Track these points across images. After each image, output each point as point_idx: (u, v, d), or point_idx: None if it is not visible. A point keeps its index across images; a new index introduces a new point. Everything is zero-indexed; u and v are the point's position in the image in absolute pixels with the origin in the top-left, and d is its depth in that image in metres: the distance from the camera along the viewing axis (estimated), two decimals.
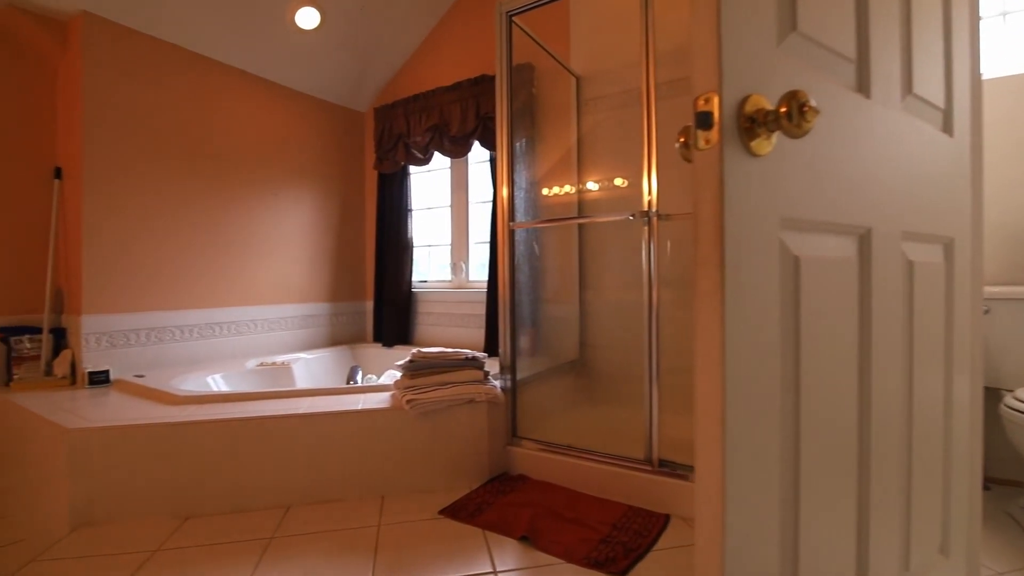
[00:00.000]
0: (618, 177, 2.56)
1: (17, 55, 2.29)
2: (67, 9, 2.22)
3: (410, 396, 1.80)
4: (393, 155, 3.21)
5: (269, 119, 2.96)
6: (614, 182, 2.57)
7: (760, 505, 0.58)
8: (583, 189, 2.66)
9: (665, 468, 1.72)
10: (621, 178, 2.55)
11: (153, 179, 2.44)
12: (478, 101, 2.85)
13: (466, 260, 3.12)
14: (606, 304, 2.58)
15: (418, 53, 3.27)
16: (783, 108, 0.55)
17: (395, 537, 1.54)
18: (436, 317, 3.15)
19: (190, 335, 2.57)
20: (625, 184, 2.55)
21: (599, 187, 2.61)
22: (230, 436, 1.70)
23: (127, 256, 2.36)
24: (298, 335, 3.08)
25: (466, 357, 1.94)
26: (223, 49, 2.67)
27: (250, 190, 2.86)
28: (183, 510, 1.67)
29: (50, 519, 1.69)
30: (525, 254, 2.24)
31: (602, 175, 2.61)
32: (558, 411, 2.43)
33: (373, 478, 1.80)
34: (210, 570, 1.38)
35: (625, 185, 2.54)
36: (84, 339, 2.22)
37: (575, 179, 2.68)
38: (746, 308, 0.56)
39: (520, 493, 1.81)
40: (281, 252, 3.02)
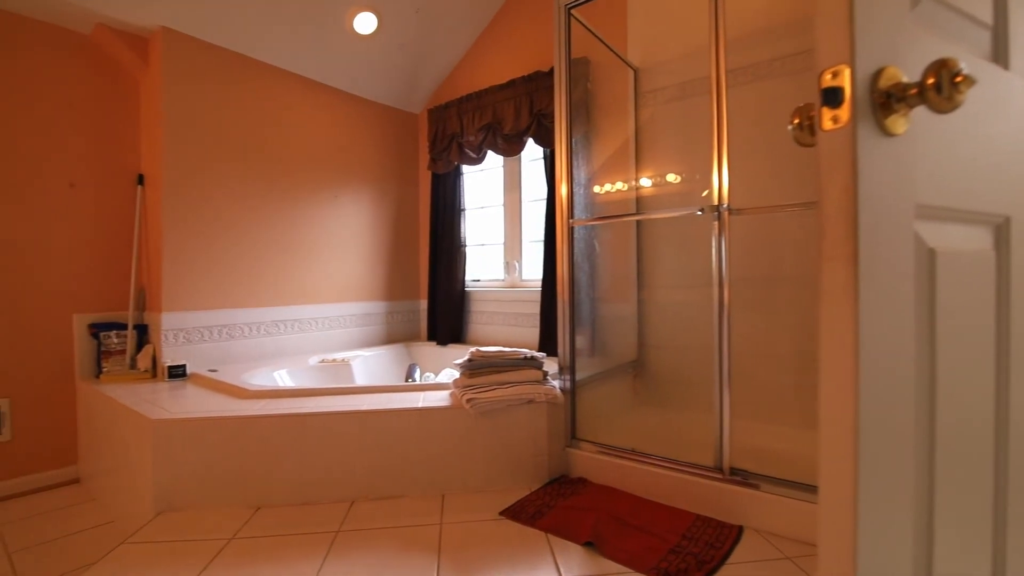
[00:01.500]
0: (679, 171, 2.46)
1: (106, 71, 2.46)
2: (148, 25, 2.36)
3: (470, 395, 1.79)
4: (446, 155, 3.23)
5: (329, 123, 3.05)
6: (674, 177, 2.47)
7: (894, 530, 0.52)
8: (641, 184, 2.58)
9: (737, 476, 1.63)
10: (681, 172, 2.45)
11: (224, 183, 2.56)
12: (532, 98, 2.82)
13: (519, 259, 3.10)
14: (666, 303, 2.49)
15: (471, 53, 3.28)
16: (930, 79, 0.48)
17: (457, 537, 1.53)
18: (489, 316, 3.15)
19: (257, 332, 2.68)
20: (678, 180, 2.45)
21: (658, 182, 2.52)
22: (297, 430, 1.75)
23: (201, 257, 2.48)
24: (356, 333, 3.16)
25: (525, 356, 1.92)
26: (287, 57, 2.77)
27: (312, 192, 2.95)
28: (255, 500, 1.74)
29: (137, 503, 1.80)
30: (584, 252, 2.18)
31: (661, 169, 2.52)
32: (617, 413, 2.36)
33: (434, 476, 1.81)
34: (282, 560, 1.42)
35: (679, 181, 2.44)
36: (164, 335, 2.35)
37: (632, 174, 2.60)
38: (880, 307, 0.50)
39: (581, 497, 1.76)
40: (340, 252, 3.11)
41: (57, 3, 2.15)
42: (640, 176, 2.58)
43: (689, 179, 2.42)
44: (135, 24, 2.34)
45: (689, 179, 2.42)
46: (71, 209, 2.36)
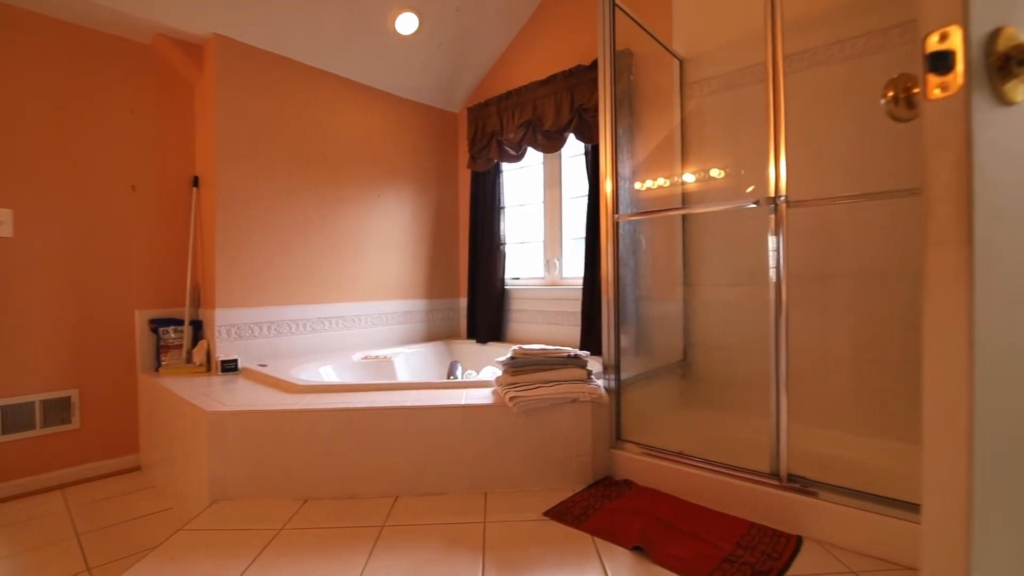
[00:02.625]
0: (726, 164, 2.37)
1: (164, 79, 2.58)
2: (202, 33, 2.46)
3: (513, 393, 1.77)
4: (486, 153, 3.22)
5: (371, 124, 3.10)
6: (721, 170, 2.38)
7: (1016, 554, 0.46)
8: (687, 178, 2.49)
9: (795, 484, 1.54)
10: (729, 166, 2.36)
11: (273, 184, 2.64)
12: (573, 93, 2.78)
13: (559, 257, 3.06)
14: (713, 302, 2.40)
15: (510, 49, 3.26)
16: None
17: (501, 536, 1.51)
18: (529, 314, 3.12)
19: (303, 328, 2.75)
20: (725, 174, 2.35)
21: (704, 176, 2.43)
22: (343, 425, 1.78)
23: (251, 255, 2.57)
24: (397, 330, 3.20)
25: (568, 355, 1.88)
26: (331, 60, 2.83)
27: (355, 192, 3.01)
28: (302, 492, 1.77)
29: (193, 492, 1.87)
30: (630, 248, 2.13)
31: (708, 163, 2.43)
32: (663, 415, 2.29)
33: (476, 474, 1.80)
34: (329, 553, 1.44)
35: (727, 174, 2.34)
36: (217, 331, 2.45)
37: (677, 168, 2.52)
38: (998, 296, 0.44)
39: (627, 500, 1.71)
40: (382, 251, 3.16)
41: (121, 15, 2.26)
42: (686, 170, 2.50)
43: (736, 172, 2.33)
44: (191, 32, 2.44)
45: (736, 172, 2.33)
46: (133, 211, 2.48)
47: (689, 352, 2.43)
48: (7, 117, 2.16)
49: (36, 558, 1.69)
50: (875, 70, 1.97)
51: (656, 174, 2.57)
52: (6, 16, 2.16)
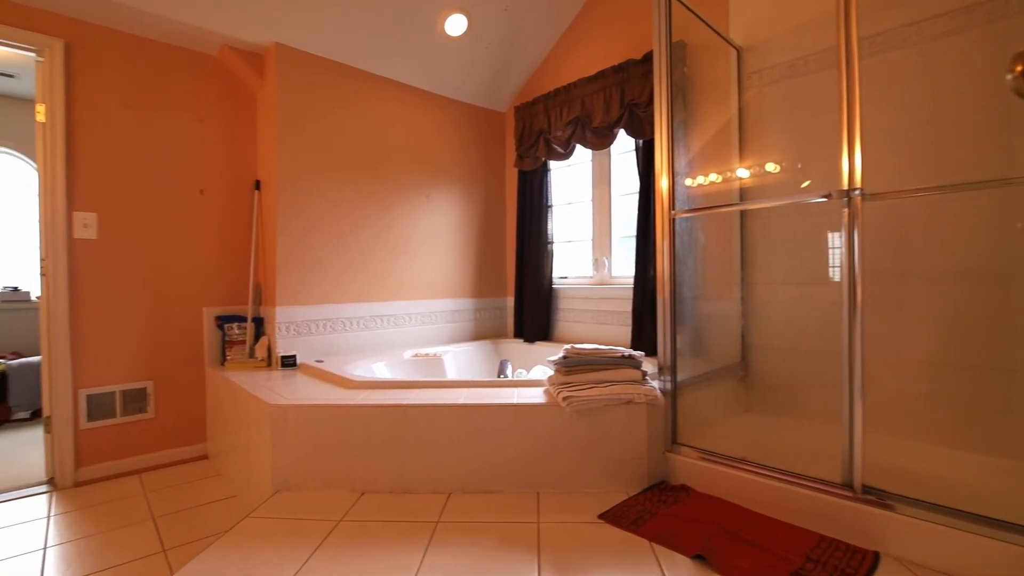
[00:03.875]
0: (789, 157, 2.25)
1: (229, 87, 2.71)
2: (264, 42, 2.57)
3: (566, 393, 1.75)
4: (534, 152, 3.21)
5: (420, 125, 3.15)
6: (780, 164, 2.27)
7: None
8: (745, 173, 2.39)
9: (871, 496, 1.44)
10: (791, 158, 2.24)
11: (328, 186, 2.73)
12: (623, 88, 2.72)
13: (608, 255, 3.00)
14: (774, 302, 2.29)
15: (557, 47, 3.24)
16: None
17: (556, 537, 1.49)
18: (577, 314, 3.09)
19: (357, 326, 2.83)
20: (789, 167, 2.24)
21: (764, 169, 2.33)
22: (399, 421, 1.81)
23: (309, 255, 2.66)
24: (446, 329, 3.24)
25: (622, 355, 1.84)
26: (383, 64, 2.89)
27: (405, 192, 3.07)
28: (359, 485, 1.82)
29: (256, 481, 1.96)
30: (687, 246, 2.06)
31: (768, 156, 2.32)
32: (721, 418, 2.20)
33: (529, 473, 1.79)
34: (387, 546, 1.46)
35: (789, 167, 2.23)
36: (277, 327, 2.55)
37: (734, 161, 2.42)
38: None
39: (685, 505, 1.66)
40: (431, 250, 3.20)
41: (193, 29, 2.40)
42: (743, 164, 2.40)
43: (802, 165, 2.21)
44: (253, 42, 2.55)
45: (802, 165, 2.21)
46: (201, 213, 2.63)
47: (747, 354, 2.33)
48: (94, 128, 2.33)
49: (119, 537, 1.81)
50: (955, 52, 1.82)
51: (711, 169, 2.48)
52: (92, 34, 2.32)
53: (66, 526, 1.90)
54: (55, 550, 1.73)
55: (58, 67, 2.24)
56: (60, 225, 2.24)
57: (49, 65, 2.23)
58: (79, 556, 1.68)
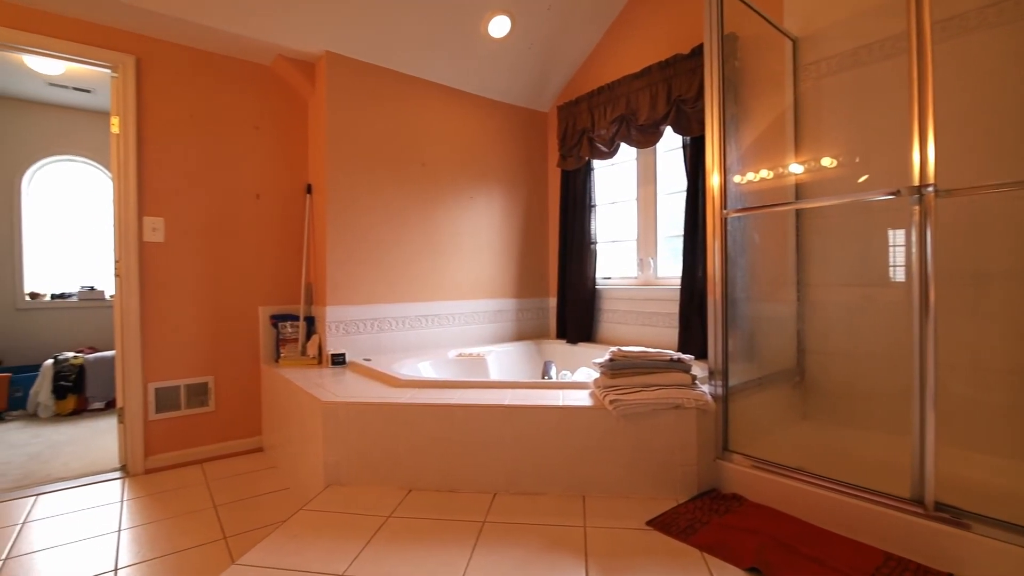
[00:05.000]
0: (850, 151, 2.14)
1: (283, 95, 2.83)
2: (315, 51, 2.66)
3: (613, 396, 1.72)
4: (577, 151, 3.18)
5: (464, 127, 3.18)
6: (843, 158, 2.15)
7: None
8: (800, 169, 2.28)
9: (944, 513, 1.35)
10: (854, 153, 2.12)
11: (375, 189, 2.80)
12: (670, 84, 2.65)
13: (654, 255, 2.94)
14: (832, 304, 2.17)
15: (601, 44, 3.19)
16: None
17: (603, 543, 1.47)
18: (621, 315, 3.04)
19: (402, 325, 2.89)
20: (834, 163, 2.12)
21: (822, 165, 2.22)
22: (445, 420, 1.83)
23: (357, 257, 2.74)
24: (488, 329, 3.26)
25: (671, 359, 1.79)
26: (428, 68, 2.94)
27: (450, 194, 3.11)
28: (407, 482, 1.85)
29: (309, 475, 2.03)
30: (740, 246, 1.99)
31: (826, 151, 2.21)
32: (775, 426, 2.12)
33: (574, 476, 1.77)
34: (435, 543, 1.48)
35: (843, 162, 2.11)
36: (327, 326, 2.64)
37: (788, 157, 2.32)
38: None
39: (738, 515, 1.60)
40: (474, 251, 3.23)
41: (249, 41, 2.51)
42: (799, 160, 2.29)
43: (860, 161, 2.10)
44: (305, 51, 2.65)
45: (860, 161, 2.10)
46: (257, 217, 2.75)
47: (803, 359, 2.23)
48: (161, 138, 2.48)
49: (184, 523, 1.91)
50: None
51: (764, 165, 2.38)
52: (159, 49, 2.47)
53: (137, 511, 2.03)
54: (128, 533, 1.85)
55: (130, 82, 2.40)
56: (131, 229, 2.40)
57: (122, 80, 2.39)
58: (149, 540, 1.80)
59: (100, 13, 2.25)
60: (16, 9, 2.16)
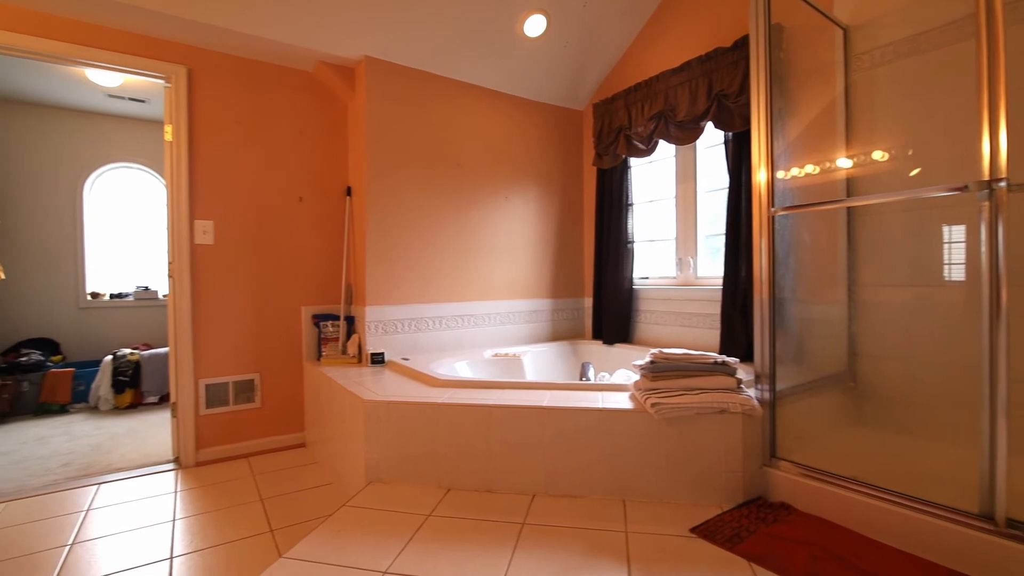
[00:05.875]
0: (907, 145, 2.03)
1: (324, 100, 2.90)
2: (355, 56, 2.71)
3: (655, 399, 1.69)
4: (613, 149, 3.14)
5: (499, 127, 3.18)
6: (900, 151, 2.04)
7: None
8: (852, 164, 2.18)
9: (1017, 531, 1.26)
10: (910, 146, 2.01)
11: (413, 191, 2.83)
12: (710, 79, 2.58)
13: (693, 255, 2.87)
14: (885, 304, 2.07)
15: (638, 40, 3.14)
16: None
17: (646, 549, 1.44)
18: (659, 316, 2.98)
19: (439, 325, 2.92)
20: (885, 157, 2.00)
21: (876, 158, 2.11)
22: (483, 420, 1.83)
23: (396, 257, 2.78)
24: (523, 329, 3.26)
25: (715, 361, 1.74)
26: (464, 70, 2.95)
27: (485, 194, 3.11)
28: (446, 482, 1.87)
29: (350, 471, 2.07)
30: (787, 243, 1.92)
31: (880, 144, 2.10)
32: (825, 432, 2.03)
33: (614, 480, 1.74)
34: (475, 544, 1.49)
35: (899, 155, 2.00)
36: (367, 326, 2.69)
37: (839, 152, 2.21)
38: None
39: (787, 526, 1.54)
40: (509, 251, 3.23)
41: (292, 49, 2.58)
42: (850, 154, 2.19)
43: (919, 155, 1.98)
44: (345, 57, 2.70)
45: (919, 155, 1.98)
46: (300, 219, 2.83)
47: (855, 362, 2.13)
48: (211, 145, 2.58)
49: (232, 515, 1.99)
50: None
51: (812, 161, 2.28)
52: (208, 59, 2.58)
53: (189, 501, 2.12)
54: (182, 522, 1.93)
55: (182, 91, 2.50)
56: (184, 232, 2.51)
57: (175, 90, 2.50)
58: (201, 529, 1.87)
59: (155, 26, 2.36)
60: (78, 25, 2.29)
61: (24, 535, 1.84)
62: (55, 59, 2.30)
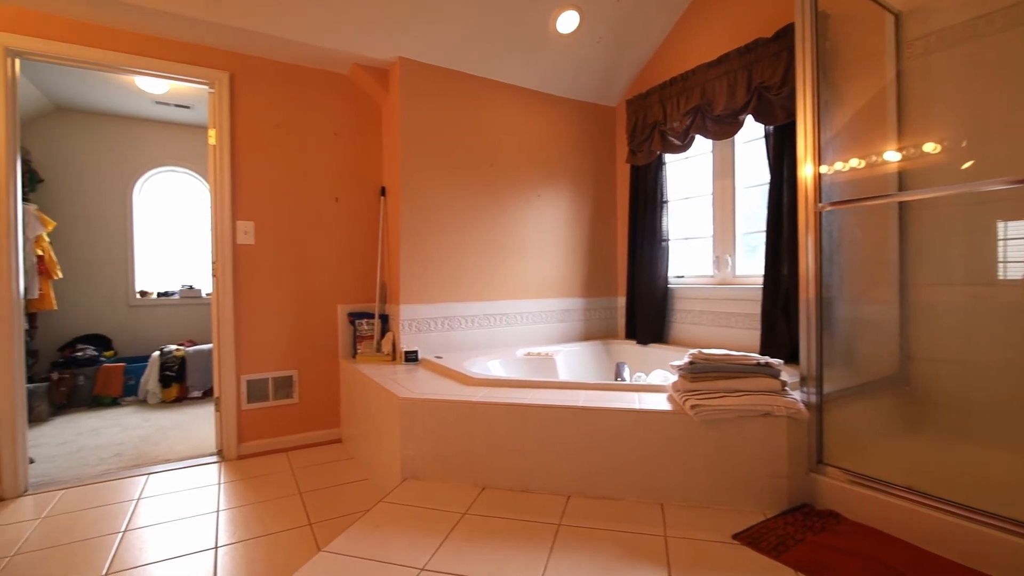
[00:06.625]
0: (960, 134, 1.91)
1: (359, 102, 2.95)
2: (388, 57, 2.74)
3: (694, 401, 1.64)
4: (648, 145, 3.08)
5: (531, 126, 3.16)
6: (956, 142, 1.93)
7: None
8: (904, 156, 2.07)
9: None
10: (968, 136, 1.90)
11: (446, 190, 2.85)
12: (750, 71, 2.50)
13: (732, 253, 2.79)
14: (942, 304, 1.96)
15: (673, 34, 3.07)
16: None
17: (687, 554, 1.41)
18: (695, 315, 2.90)
19: (471, 324, 2.93)
20: (937, 149, 1.89)
21: (931, 150, 2.00)
22: (518, 420, 1.82)
23: (429, 256, 2.80)
24: (555, 328, 3.23)
25: (758, 362, 1.68)
26: (497, 68, 2.95)
27: (517, 193, 3.11)
28: (480, 480, 1.87)
29: (386, 468, 2.10)
30: (835, 240, 1.83)
31: (935, 134, 1.99)
32: (877, 438, 1.94)
33: (651, 482, 1.71)
34: (511, 544, 1.48)
35: (953, 146, 1.88)
36: (400, 324, 2.72)
37: (890, 144, 2.11)
38: None
39: (836, 535, 1.47)
40: (541, 249, 3.21)
41: (329, 52, 2.63)
42: (902, 146, 2.08)
43: (974, 146, 1.87)
44: (380, 59, 2.74)
45: (974, 146, 1.87)
46: (336, 219, 2.88)
47: (908, 365, 2.02)
48: (251, 147, 2.66)
49: (273, 507, 2.04)
50: None
51: (860, 154, 2.18)
52: (249, 64, 2.65)
53: (232, 493, 2.19)
54: (225, 513, 2.00)
55: (224, 96, 2.58)
56: (226, 232, 2.59)
57: (218, 95, 2.58)
58: (244, 521, 1.93)
59: (199, 33, 2.44)
60: (129, 36, 2.39)
61: (80, 522, 1.93)
62: (110, 68, 2.41)
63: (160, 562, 1.65)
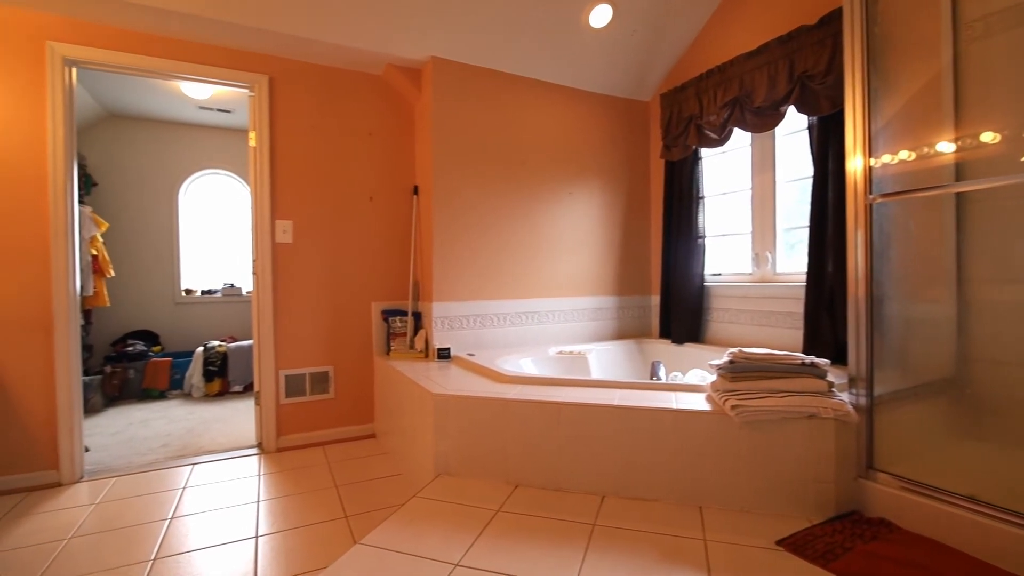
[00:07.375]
0: (1019, 122, 1.78)
1: (392, 102, 2.98)
2: (421, 58, 2.77)
3: (735, 401, 1.59)
4: (683, 140, 3.01)
5: (563, 122, 3.14)
6: (1004, 130, 1.80)
7: None
8: (966, 145, 1.95)
9: None
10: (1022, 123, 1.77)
11: (478, 188, 2.85)
12: (791, 60, 2.40)
13: (772, 250, 2.69)
14: (1005, 303, 1.83)
15: (709, 25, 2.98)
16: None
17: (729, 559, 1.36)
18: (732, 314, 2.82)
19: (503, 322, 2.92)
20: (996, 139, 1.76)
21: (989, 140, 1.87)
22: (552, 418, 1.81)
23: (461, 254, 2.81)
24: (588, 327, 3.20)
25: (803, 362, 1.61)
26: (528, 65, 2.93)
27: (549, 190, 3.09)
28: (514, 478, 1.86)
29: (419, 463, 2.11)
30: (886, 235, 1.74)
31: (995, 122, 1.86)
32: (931, 443, 1.83)
33: (689, 484, 1.66)
34: (546, 543, 1.46)
35: (1000, 135, 1.75)
36: (433, 322, 2.74)
37: (947, 133, 1.99)
38: None
39: (888, 544, 1.40)
40: (574, 247, 3.18)
41: (364, 54, 2.68)
42: (960, 135, 1.96)
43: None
44: (413, 58, 2.76)
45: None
46: (370, 218, 2.93)
47: (965, 368, 1.90)
48: (289, 148, 2.73)
49: (310, 499, 2.08)
50: None
51: (911, 144, 2.06)
52: (287, 68, 2.72)
53: (272, 485, 2.25)
54: (265, 504, 2.05)
55: (264, 99, 2.66)
56: (266, 232, 2.66)
57: (258, 98, 2.66)
58: (283, 512, 1.98)
59: (240, 38, 2.51)
60: (174, 43, 2.48)
61: (131, 508, 2.02)
62: (158, 74, 2.51)
63: (204, 549, 1.71)
